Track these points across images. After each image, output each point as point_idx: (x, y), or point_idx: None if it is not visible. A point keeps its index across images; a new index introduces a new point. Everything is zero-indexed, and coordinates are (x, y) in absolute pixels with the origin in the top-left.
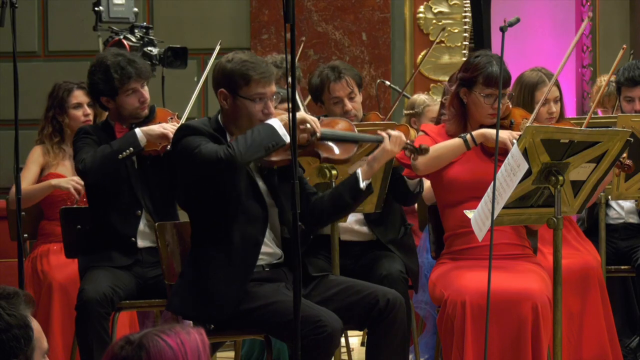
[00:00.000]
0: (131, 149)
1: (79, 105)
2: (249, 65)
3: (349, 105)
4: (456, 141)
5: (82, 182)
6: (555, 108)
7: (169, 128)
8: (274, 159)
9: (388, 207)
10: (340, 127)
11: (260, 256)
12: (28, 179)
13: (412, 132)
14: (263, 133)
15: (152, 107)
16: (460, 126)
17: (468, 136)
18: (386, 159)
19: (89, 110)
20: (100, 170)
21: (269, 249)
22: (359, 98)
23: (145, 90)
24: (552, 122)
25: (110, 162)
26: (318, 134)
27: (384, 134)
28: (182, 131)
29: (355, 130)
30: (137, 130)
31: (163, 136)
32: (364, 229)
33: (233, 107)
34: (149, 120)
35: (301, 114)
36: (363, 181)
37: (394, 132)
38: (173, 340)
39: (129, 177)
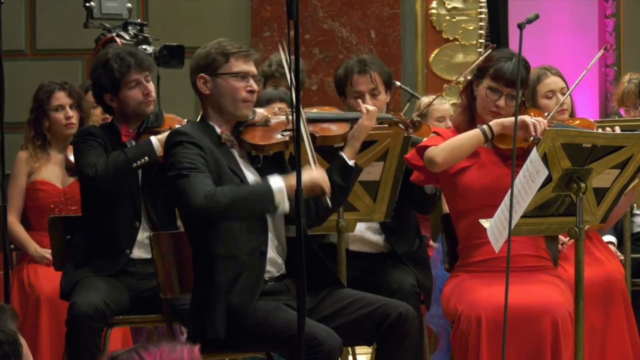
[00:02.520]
0: (146, 158)
1: (60, 108)
2: (226, 42)
3: (369, 101)
4: (473, 132)
5: (50, 258)
6: (563, 99)
7: None
8: (269, 142)
9: (402, 216)
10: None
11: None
12: (15, 195)
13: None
14: (258, 195)
15: (160, 112)
16: (466, 118)
17: (485, 126)
18: (364, 134)
19: (70, 113)
20: (113, 179)
21: (271, 257)
22: (383, 97)
23: (150, 85)
24: (566, 116)
25: (124, 171)
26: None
27: (362, 108)
28: (172, 137)
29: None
30: (153, 139)
31: None
32: (376, 237)
33: (214, 90)
34: (157, 125)
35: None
36: (349, 160)
37: (369, 107)
38: (152, 356)
39: (130, 186)
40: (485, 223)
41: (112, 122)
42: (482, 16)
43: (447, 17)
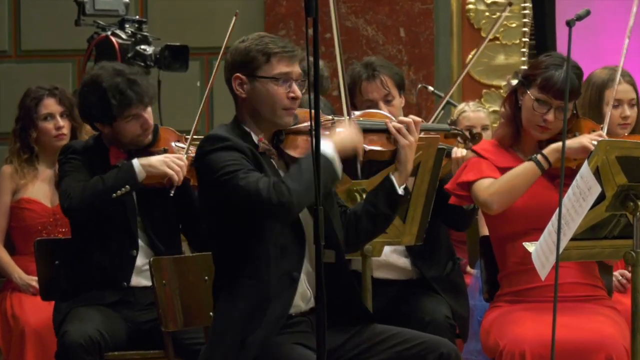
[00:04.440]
0: (127, 187)
1: (49, 116)
2: (268, 39)
3: (384, 108)
4: (527, 166)
5: (36, 286)
6: (630, 112)
7: (175, 166)
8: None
9: (431, 235)
10: (377, 117)
11: None
12: None
13: (461, 146)
14: (323, 169)
15: (155, 127)
16: (510, 131)
17: (539, 156)
18: (411, 154)
19: (61, 122)
20: (89, 211)
21: (302, 290)
22: (398, 102)
23: (149, 114)
24: (627, 131)
25: (102, 202)
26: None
27: (390, 127)
28: (209, 142)
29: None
30: (136, 163)
31: (164, 176)
32: (402, 261)
33: (251, 94)
34: (151, 144)
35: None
36: (399, 186)
37: (404, 119)
38: None
39: (125, 212)
40: (530, 247)
41: (100, 138)
42: (526, 12)
43: (487, 13)
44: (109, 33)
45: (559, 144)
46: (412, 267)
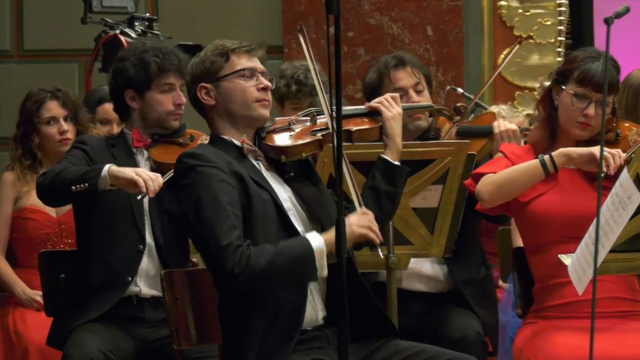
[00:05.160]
0: (86, 184)
1: (52, 120)
2: (220, 42)
3: (415, 97)
4: (532, 163)
5: (40, 301)
6: None
7: (144, 175)
8: (299, 142)
9: (467, 238)
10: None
11: None
12: (0, 228)
13: (500, 121)
14: (298, 261)
15: (184, 124)
16: (545, 134)
17: (546, 157)
18: (398, 127)
19: (65, 126)
20: (46, 195)
21: (310, 300)
22: (427, 95)
23: (183, 97)
24: None
25: (60, 191)
26: None
27: (372, 103)
28: (183, 163)
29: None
30: (105, 168)
31: (131, 184)
32: (435, 270)
33: (220, 97)
34: (177, 135)
35: None
36: (394, 161)
37: (386, 96)
38: None
39: (130, 205)
40: (566, 259)
41: (121, 131)
42: (562, 9)
43: (520, 11)
44: (118, 31)
45: (570, 149)
46: (445, 278)
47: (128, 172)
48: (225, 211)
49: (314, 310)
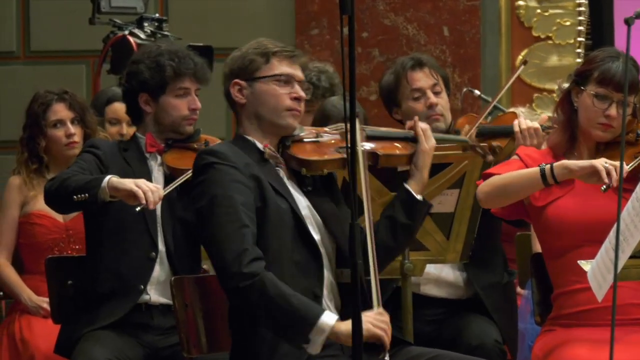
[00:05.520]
0: (86, 194)
1: (59, 123)
2: (266, 41)
3: (433, 98)
4: (532, 171)
5: (47, 308)
6: None
7: (144, 186)
8: (322, 158)
9: (489, 243)
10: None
11: None
12: (6, 231)
13: (521, 119)
14: (298, 317)
15: (198, 129)
16: (565, 137)
17: (547, 167)
18: (428, 160)
19: (72, 129)
20: (52, 201)
21: (324, 305)
22: (445, 96)
23: (198, 102)
24: None
25: (64, 199)
26: None
27: (417, 128)
28: (202, 158)
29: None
30: (106, 179)
31: (131, 196)
32: (454, 275)
33: (252, 97)
34: (191, 140)
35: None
36: (417, 194)
37: (423, 125)
38: None
39: (145, 218)
40: (586, 265)
41: (134, 135)
42: (582, 9)
43: (538, 11)
44: (127, 32)
45: (571, 162)
46: (465, 284)
47: (128, 183)
48: (239, 213)
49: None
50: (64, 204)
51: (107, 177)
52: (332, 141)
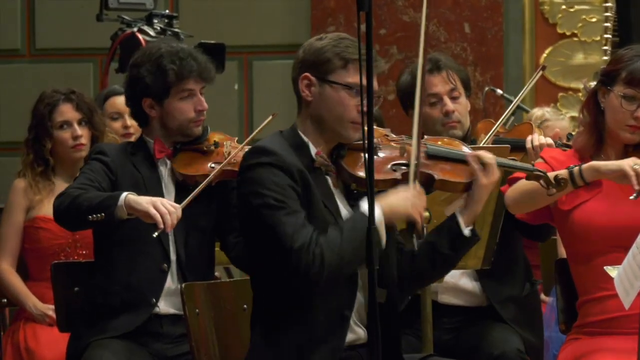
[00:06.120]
0: (103, 214)
1: (65, 124)
2: (348, 42)
3: (449, 104)
4: (561, 173)
5: (53, 315)
6: None
7: (162, 208)
8: (376, 177)
9: (509, 252)
10: (444, 142)
11: None
12: (10, 236)
13: (538, 132)
14: (361, 238)
15: (206, 128)
16: (592, 139)
17: (575, 169)
18: (486, 195)
19: (79, 131)
20: (63, 221)
21: (352, 326)
22: (464, 101)
23: (204, 101)
24: None
25: (77, 218)
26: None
27: (473, 163)
28: (253, 155)
29: (465, 149)
30: (122, 198)
31: (148, 216)
32: (472, 285)
33: (319, 98)
34: (200, 141)
35: None
36: (466, 227)
37: (487, 158)
38: None
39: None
40: (612, 271)
41: (141, 138)
42: (608, 5)
43: (563, 7)
44: (135, 29)
45: (600, 163)
46: (481, 292)
47: (144, 204)
48: (292, 209)
49: (354, 334)
50: (76, 224)
51: (123, 196)
52: (390, 156)
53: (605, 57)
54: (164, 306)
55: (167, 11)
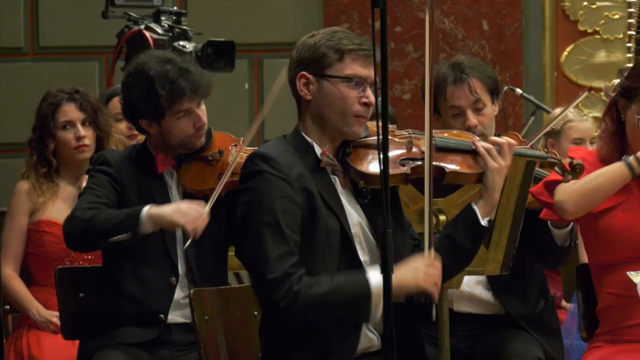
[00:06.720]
0: (125, 235)
1: (69, 125)
2: (342, 34)
3: (472, 119)
4: (615, 166)
5: (57, 322)
6: None
7: (187, 216)
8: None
9: (523, 266)
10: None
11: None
12: (13, 240)
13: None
14: (352, 302)
15: (209, 130)
16: (614, 149)
17: (631, 158)
18: (500, 181)
19: (83, 132)
20: (80, 246)
21: (365, 332)
22: (489, 110)
23: (203, 112)
24: None
25: (96, 242)
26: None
27: (479, 147)
28: (252, 162)
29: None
30: (144, 212)
31: (173, 226)
32: (488, 294)
33: (318, 95)
34: (203, 148)
35: None
36: (483, 218)
37: (500, 140)
38: None
39: (162, 233)
40: (635, 277)
41: (145, 143)
42: (632, 0)
43: (585, 4)
44: (142, 27)
45: None
46: (497, 302)
47: (169, 214)
48: (283, 234)
49: (367, 340)
50: (94, 247)
51: (145, 210)
52: (397, 151)
53: (629, 55)
54: (173, 316)
55: (175, 8)
